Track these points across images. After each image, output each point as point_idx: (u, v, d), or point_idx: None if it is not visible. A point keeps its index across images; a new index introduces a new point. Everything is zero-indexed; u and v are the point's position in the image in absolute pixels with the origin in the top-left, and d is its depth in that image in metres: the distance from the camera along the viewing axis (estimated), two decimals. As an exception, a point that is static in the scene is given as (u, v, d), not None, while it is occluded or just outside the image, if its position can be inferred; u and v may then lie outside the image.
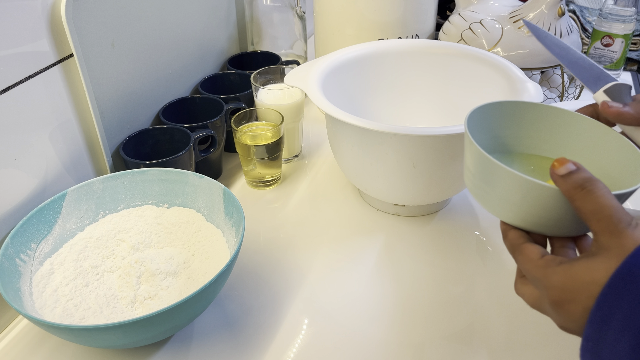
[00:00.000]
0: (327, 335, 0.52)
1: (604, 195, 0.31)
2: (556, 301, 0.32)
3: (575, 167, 0.33)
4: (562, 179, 0.33)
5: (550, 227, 0.35)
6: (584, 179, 0.32)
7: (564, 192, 0.33)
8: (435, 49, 0.73)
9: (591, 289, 0.30)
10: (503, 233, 0.38)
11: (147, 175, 0.60)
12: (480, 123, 0.41)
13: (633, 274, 0.28)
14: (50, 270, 0.53)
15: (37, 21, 0.53)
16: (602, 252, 0.31)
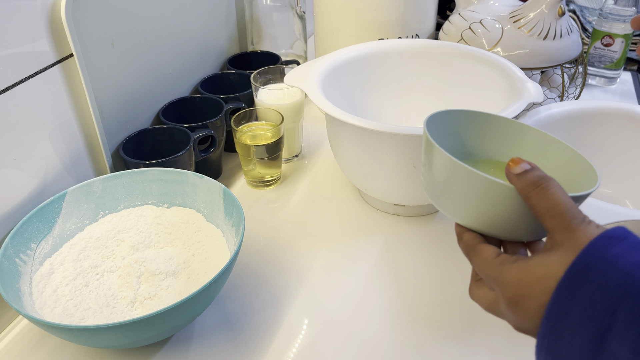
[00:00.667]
0: (327, 335, 0.52)
1: (558, 193, 0.32)
2: (511, 298, 0.32)
3: (530, 167, 0.33)
4: (518, 177, 0.33)
5: (505, 228, 0.35)
6: (539, 177, 0.32)
7: (519, 190, 0.33)
8: (435, 48, 0.73)
9: (546, 283, 0.30)
10: (458, 236, 0.38)
11: (147, 175, 0.60)
12: (443, 127, 0.42)
13: (588, 267, 0.29)
14: (50, 270, 0.53)
15: (36, 21, 0.53)
16: (557, 247, 0.31)
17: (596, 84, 0.99)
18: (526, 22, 0.76)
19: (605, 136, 0.64)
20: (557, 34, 0.76)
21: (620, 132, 0.63)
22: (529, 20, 0.76)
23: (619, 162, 0.64)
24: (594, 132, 0.64)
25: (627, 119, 0.62)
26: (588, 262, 0.29)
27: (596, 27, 0.94)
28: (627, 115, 0.63)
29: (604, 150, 0.64)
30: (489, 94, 0.68)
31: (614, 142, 0.64)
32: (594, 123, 0.63)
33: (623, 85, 0.99)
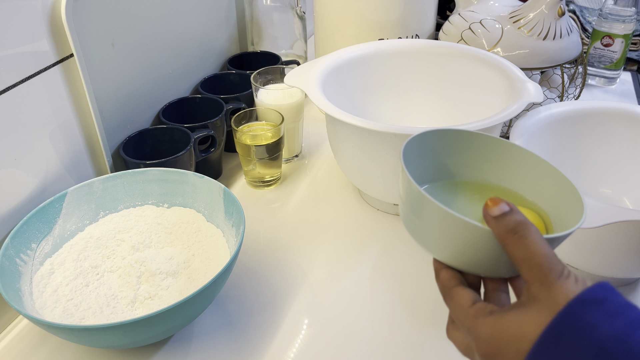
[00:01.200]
0: (327, 335, 0.52)
1: (536, 242, 0.30)
2: (484, 354, 0.31)
3: (508, 208, 0.31)
4: (495, 220, 0.31)
5: (484, 268, 0.34)
6: (517, 222, 0.31)
7: (496, 235, 0.31)
8: (435, 49, 0.73)
9: (519, 344, 0.29)
10: (435, 271, 0.36)
11: (147, 175, 0.60)
12: (423, 149, 0.40)
13: (562, 335, 0.27)
14: (51, 270, 0.53)
15: (37, 21, 0.53)
16: (532, 303, 0.29)
17: (596, 84, 0.99)
18: (526, 22, 0.76)
19: (605, 136, 0.64)
20: (557, 34, 0.76)
21: (620, 132, 0.63)
22: (528, 20, 0.76)
23: (618, 161, 0.64)
24: (593, 132, 0.64)
25: (627, 118, 0.62)
26: (562, 329, 0.27)
27: (596, 27, 0.95)
28: (627, 114, 0.63)
29: (603, 150, 0.64)
30: (489, 94, 0.69)
31: (613, 142, 0.64)
32: (593, 123, 0.63)
33: (623, 85, 0.99)
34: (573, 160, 0.64)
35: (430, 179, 0.41)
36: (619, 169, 0.64)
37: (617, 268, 0.52)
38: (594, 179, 0.64)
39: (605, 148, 0.64)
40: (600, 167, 0.64)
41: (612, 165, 0.64)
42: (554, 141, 0.62)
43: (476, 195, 0.41)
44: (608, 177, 0.64)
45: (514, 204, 0.33)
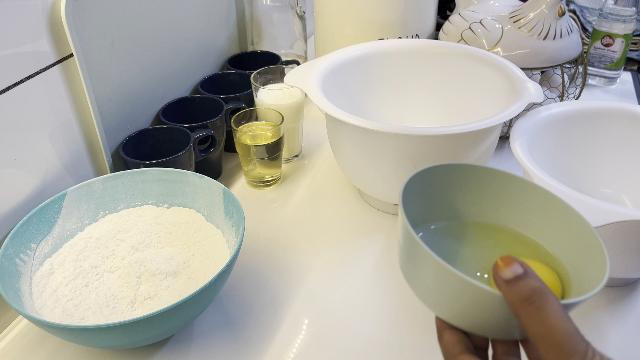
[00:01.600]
0: (327, 335, 0.52)
1: (555, 315, 0.26)
2: None
3: (522, 271, 0.27)
4: (507, 285, 0.27)
5: (492, 331, 0.30)
6: (533, 289, 0.27)
7: (508, 303, 0.27)
8: (435, 48, 0.73)
9: None
10: (438, 332, 0.33)
11: (147, 175, 0.60)
12: (428, 186, 0.36)
13: None
14: (50, 271, 0.53)
15: (36, 21, 0.53)
16: None
17: (596, 84, 0.99)
18: (526, 22, 0.76)
19: (604, 136, 0.64)
20: (557, 34, 0.76)
21: (620, 132, 0.63)
22: (529, 20, 0.76)
23: (618, 161, 0.64)
24: (593, 131, 0.64)
25: (627, 118, 0.62)
26: None
27: (596, 27, 0.94)
28: (627, 114, 0.62)
29: (603, 150, 0.64)
30: (489, 94, 0.68)
31: (613, 141, 0.64)
32: (594, 123, 0.63)
33: (623, 85, 0.99)
34: (573, 160, 0.64)
35: (436, 218, 0.37)
36: (619, 169, 0.64)
37: (617, 268, 0.52)
38: (594, 178, 0.64)
39: (605, 148, 0.64)
40: (600, 167, 0.64)
41: (612, 165, 0.64)
42: (554, 141, 0.62)
43: (490, 241, 0.37)
44: (608, 177, 0.64)
45: (529, 255, 0.29)
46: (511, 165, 0.77)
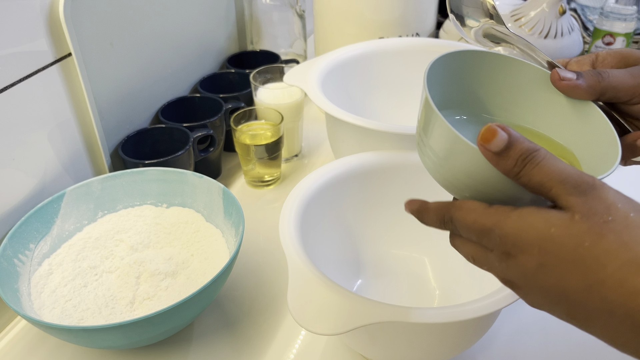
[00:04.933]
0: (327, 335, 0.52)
1: (550, 163, 0.27)
2: (507, 253, 0.27)
3: (507, 139, 0.27)
4: (499, 157, 0.27)
5: (493, 197, 0.30)
6: (523, 152, 0.27)
7: (504, 173, 0.28)
8: (435, 47, 0.73)
9: (545, 244, 0.26)
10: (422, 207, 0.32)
11: (146, 175, 0.60)
12: (451, 74, 0.35)
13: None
14: (49, 271, 0.52)
15: (35, 20, 0.53)
16: (563, 209, 0.26)
17: (597, 82, 0.99)
18: (527, 20, 0.75)
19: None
20: (558, 32, 0.75)
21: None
22: (529, 19, 0.75)
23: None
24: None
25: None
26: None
27: (597, 25, 0.94)
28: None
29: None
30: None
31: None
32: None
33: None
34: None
35: (456, 106, 0.36)
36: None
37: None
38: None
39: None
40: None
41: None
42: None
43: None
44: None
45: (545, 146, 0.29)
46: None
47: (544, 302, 0.28)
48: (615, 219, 0.25)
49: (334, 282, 0.40)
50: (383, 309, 0.38)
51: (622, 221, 0.25)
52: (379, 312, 0.38)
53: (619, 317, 0.25)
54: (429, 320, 0.38)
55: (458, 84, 0.36)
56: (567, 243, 0.25)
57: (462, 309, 0.38)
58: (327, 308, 0.38)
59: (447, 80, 0.35)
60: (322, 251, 0.50)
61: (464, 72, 0.36)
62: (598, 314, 0.25)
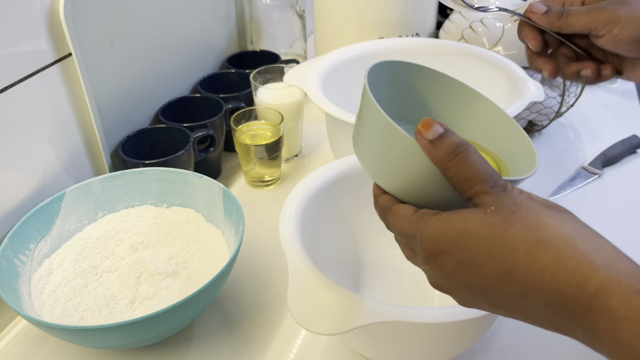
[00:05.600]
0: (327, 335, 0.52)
1: (477, 161, 0.29)
2: (429, 253, 0.29)
3: (443, 130, 0.29)
4: (432, 144, 0.29)
5: (422, 196, 0.32)
6: (456, 143, 0.29)
7: (433, 161, 0.30)
8: (435, 47, 0.73)
9: (463, 240, 0.28)
10: (375, 198, 0.35)
11: (146, 175, 0.60)
12: (388, 82, 0.37)
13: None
14: (49, 271, 0.52)
15: (35, 20, 0.53)
16: (478, 207, 0.29)
17: (597, 82, 0.99)
18: (527, 20, 0.75)
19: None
20: (557, 32, 0.75)
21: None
22: (529, 18, 0.75)
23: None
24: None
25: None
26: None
27: (597, 25, 0.94)
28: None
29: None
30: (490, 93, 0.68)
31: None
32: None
33: (624, 84, 0.99)
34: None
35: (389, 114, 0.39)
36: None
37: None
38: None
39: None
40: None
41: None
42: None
43: None
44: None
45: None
46: (512, 164, 0.77)
47: (470, 297, 0.30)
48: (520, 209, 0.28)
49: (334, 282, 0.40)
50: (383, 309, 0.38)
51: (526, 210, 0.28)
52: (379, 312, 0.38)
53: (533, 298, 0.26)
54: (429, 320, 0.38)
55: (393, 92, 0.39)
56: (482, 234, 0.28)
57: (462, 309, 0.38)
58: (327, 308, 0.38)
59: (384, 87, 0.37)
60: (322, 251, 0.50)
61: (398, 82, 0.38)
62: (516, 298, 0.27)
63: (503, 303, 0.28)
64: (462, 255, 0.28)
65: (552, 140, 0.83)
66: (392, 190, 0.34)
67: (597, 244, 0.27)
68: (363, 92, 0.33)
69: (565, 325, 0.26)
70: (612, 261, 0.25)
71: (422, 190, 0.32)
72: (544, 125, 0.81)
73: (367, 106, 0.33)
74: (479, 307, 0.30)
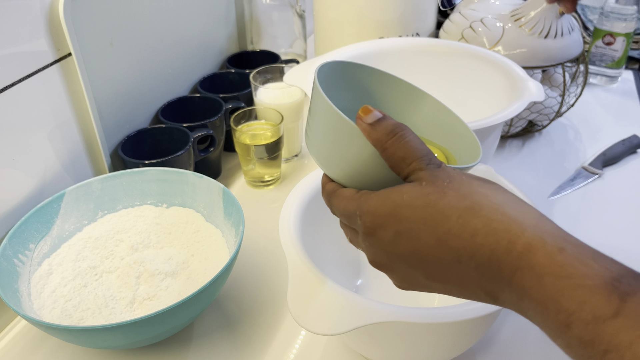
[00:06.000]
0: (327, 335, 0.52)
1: (414, 140, 0.31)
2: (368, 228, 0.31)
3: (381, 115, 0.32)
4: (371, 127, 0.31)
5: (364, 180, 0.34)
6: (393, 125, 0.31)
7: (373, 143, 0.31)
8: (435, 47, 0.73)
9: (400, 211, 0.29)
10: (322, 186, 0.36)
11: (146, 175, 0.60)
12: (338, 80, 0.39)
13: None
14: (49, 271, 0.52)
15: (35, 20, 0.53)
16: (415, 182, 0.30)
17: (597, 82, 0.99)
18: (527, 20, 0.75)
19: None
20: (558, 32, 0.75)
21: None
22: (529, 18, 0.75)
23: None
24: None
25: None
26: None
27: (597, 25, 0.94)
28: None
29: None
30: (490, 92, 0.68)
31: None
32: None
33: (624, 84, 0.99)
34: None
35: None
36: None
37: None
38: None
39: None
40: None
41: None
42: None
43: None
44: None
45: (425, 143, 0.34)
46: (512, 164, 0.77)
47: (407, 272, 0.31)
48: (454, 181, 0.29)
49: (334, 282, 0.40)
50: (383, 309, 0.38)
51: (458, 181, 0.29)
52: (379, 312, 0.38)
53: (465, 262, 0.28)
54: (429, 320, 0.38)
55: (346, 93, 0.40)
56: (417, 204, 0.29)
57: (462, 309, 0.38)
58: (327, 308, 0.38)
59: (337, 87, 0.39)
60: (322, 251, 0.50)
61: (349, 83, 0.40)
62: (450, 266, 0.28)
63: (438, 273, 0.29)
64: (399, 226, 0.29)
65: (552, 140, 0.83)
66: (338, 178, 0.35)
67: (525, 209, 0.28)
68: (313, 86, 0.35)
69: (495, 287, 0.27)
70: (538, 223, 0.27)
71: (365, 175, 0.33)
72: (544, 125, 0.81)
73: (316, 99, 0.35)
74: (416, 286, 0.31)
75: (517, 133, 0.81)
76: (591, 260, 0.25)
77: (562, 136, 0.84)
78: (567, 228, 0.28)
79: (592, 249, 0.26)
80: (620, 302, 0.23)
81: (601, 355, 0.23)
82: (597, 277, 0.24)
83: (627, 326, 0.22)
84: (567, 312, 0.24)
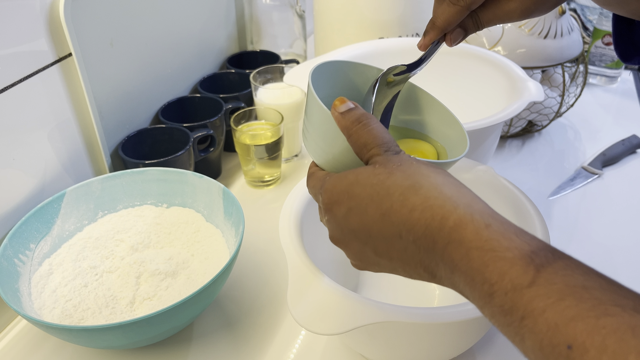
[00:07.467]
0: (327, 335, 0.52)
1: (378, 129, 0.33)
2: (326, 204, 0.33)
3: (353, 106, 0.34)
4: (342, 115, 0.34)
5: (337, 165, 0.36)
6: (361, 114, 0.34)
7: (342, 129, 0.34)
8: (435, 47, 0.73)
9: (353, 189, 0.32)
10: (308, 171, 0.39)
11: (146, 175, 0.60)
12: (332, 80, 0.41)
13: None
14: (49, 271, 0.52)
15: (35, 20, 0.53)
16: (371, 164, 0.33)
17: (597, 83, 0.99)
18: (527, 20, 0.75)
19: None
20: (557, 32, 0.75)
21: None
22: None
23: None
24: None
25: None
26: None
27: (597, 26, 0.94)
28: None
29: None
30: (490, 92, 0.68)
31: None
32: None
33: (624, 84, 0.99)
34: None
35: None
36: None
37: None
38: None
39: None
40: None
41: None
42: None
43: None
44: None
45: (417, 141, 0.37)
46: (512, 164, 0.77)
47: (358, 248, 0.33)
48: (404, 164, 0.32)
49: (334, 282, 0.40)
50: (383, 309, 0.38)
51: (407, 165, 0.32)
52: (379, 312, 0.38)
53: (405, 237, 0.30)
54: (429, 320, 0.38)
55: (339, 91, 0.42)
56: (367, 183, 0.31)
57: (462, 309, 0.38)
58: (327, 308, 0.38)
59: (331, 85, 0.41)
60: (322, 251, 0.50)
61: (344, 81, 0.42)
62: (393, 240, 0.30)
63: (384, 248, 0.31)
64: (350, 202, 0.32)
65: (552, 140, 0.83)
66: (321, 163, 0.38)
67: (461, 190, 0.30)
68: (307, 87, 0.38)
69: (431, 262, 0.29)
70: (470, 202, 0.29)
71: (338, 160, 0.36)
72: (544, 125, 0.81)
73: (308, 94, 0.37)
74: (367, 263, 0.33)
75: (516, 133, 0.81)
76: (513, 235, 0.27)
77: (561, 136, 0.84)
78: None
79: (516, 227, 0.28)
80: (535, 272, 0.25)
81: (519, 322, 0.24)
82: (517, 250, 0.26)
83: (541, 294, 0.24)
84: (490, 282, 0.26)
